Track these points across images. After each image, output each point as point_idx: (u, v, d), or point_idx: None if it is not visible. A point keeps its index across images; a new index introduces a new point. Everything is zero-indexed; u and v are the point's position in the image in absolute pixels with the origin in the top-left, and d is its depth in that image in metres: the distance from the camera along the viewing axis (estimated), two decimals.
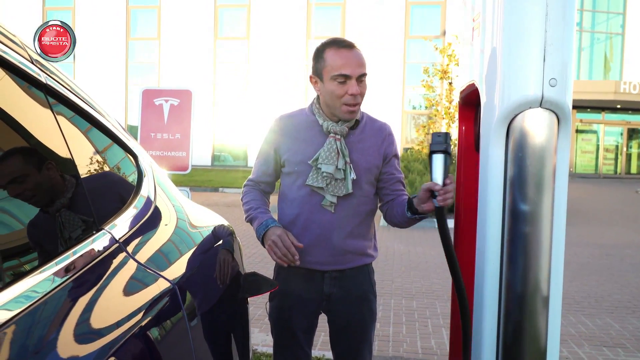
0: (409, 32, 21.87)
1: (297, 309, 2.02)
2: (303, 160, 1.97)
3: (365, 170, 1.99)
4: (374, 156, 2.01)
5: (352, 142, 1.99)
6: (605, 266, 6.68)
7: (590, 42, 23.78)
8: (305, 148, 1.98)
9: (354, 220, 1.98)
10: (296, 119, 2.05)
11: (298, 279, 2.01)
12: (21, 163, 0.97)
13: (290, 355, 2.09)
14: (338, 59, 1.90)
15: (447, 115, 12.55)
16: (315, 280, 2.00)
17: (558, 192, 1.53)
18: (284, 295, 2.03)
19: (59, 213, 1.01)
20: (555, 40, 1.42)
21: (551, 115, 1.46)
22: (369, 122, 2.06)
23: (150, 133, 4.92)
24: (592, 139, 24.65)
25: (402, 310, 4.65)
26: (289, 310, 2.03)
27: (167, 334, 1.10)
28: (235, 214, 10.43)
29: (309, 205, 1.97)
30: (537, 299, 1.53)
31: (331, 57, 1.91)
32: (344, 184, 1.93)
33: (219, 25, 23.08)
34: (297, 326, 2.04)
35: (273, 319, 2.08)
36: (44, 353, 0.76)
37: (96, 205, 1.12)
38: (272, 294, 2.06)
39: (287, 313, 2.04)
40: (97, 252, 1.03)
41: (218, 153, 23.60)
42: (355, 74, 1.88)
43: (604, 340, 4.18)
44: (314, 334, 2.13)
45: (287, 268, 1.97)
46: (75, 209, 1.07)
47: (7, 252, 0.82)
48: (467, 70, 1.90)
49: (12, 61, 0.96)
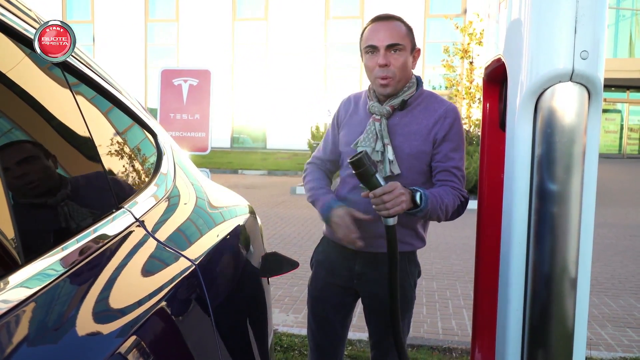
0: (429, 10, 21.52)
1: (329, 281, 2.05)
2: (348, 142, 1.96)
3: (409, 156, 1.88)
4: (421, 141, 1.88)
5: (397, 124, 1.90)
6: (629, 247, 6.57)
7: (616, 19, 23.17)
8: (352, 130, 1.97)
9: None
10: (357, 99, 2.03)
11: (334, 252, 2.03)
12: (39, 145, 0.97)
13: (319, 329, 2.09)
14: (369, 32, 1.90)
15: (467, 95, 12.38)
16: (347, 257, 2.00)
17: (588, 171, 1.47)
18: (320, 264, 2.09)
19: (79, 192, 1.01)
20: (587, 10, 1.36)
21: (582, 89, 1.41)
22: (427, 102, 1.94)
23: (170, 114, 4.92)
24: (616, 118, 24.15)
25: (422, 292, 4.63)
26: (323, 280, 2.07)
27: (189, 313, 1.09)
28: (254, 195, 10.46)
29: (350, 186, 1.96)
30: (565, 281, 1.49)
31: (366, 32, 1.91)
32: (384, 167, 1.87)
33: (237, 7, 22.96)
34: (328, 298, 2.06)
35: (308, 286, 2.13)
36: (63, 330, 0.76)
37: (115, 184, 1.11)
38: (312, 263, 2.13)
39: (320, 283, 2.08)
40: (117, 231, 1.02)
41: (237, 135, 23.64)
42: (382, 44, 1.84)
43: (627, 321, 4.12)
44: (347, 315, 2.12)
45: (327, 239, 2.05)
46: (95, 187, 1.06)
47: (25, 231, 0.81)
48: (493, 45, 1.84)
49: (28, 35, 0.95)
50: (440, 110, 1.91)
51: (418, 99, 1.93)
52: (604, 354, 3.49)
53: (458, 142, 1.90)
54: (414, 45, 1.92)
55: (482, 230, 1.95)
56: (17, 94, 0.93)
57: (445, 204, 1.81)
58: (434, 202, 1.77)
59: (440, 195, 1.80)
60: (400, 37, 1.86)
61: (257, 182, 13.02)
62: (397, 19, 1.90)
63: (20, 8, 0.98)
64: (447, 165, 1.88)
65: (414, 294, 2.07)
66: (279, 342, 3.48)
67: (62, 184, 0.98)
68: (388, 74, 1.85)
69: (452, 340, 3.69)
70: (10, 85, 0.91)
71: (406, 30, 1.90)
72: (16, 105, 0.93)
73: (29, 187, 0.89)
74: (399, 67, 1.86)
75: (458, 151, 1.89)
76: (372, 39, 1.87)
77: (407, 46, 1.87)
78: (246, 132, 23.68)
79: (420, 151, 1.88)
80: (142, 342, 0.86)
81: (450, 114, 1.90)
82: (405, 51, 1.87)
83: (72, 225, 0.94)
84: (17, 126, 0.92)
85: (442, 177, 1.88)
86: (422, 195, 1.75)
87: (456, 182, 1.88)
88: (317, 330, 2.11)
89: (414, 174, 1.90)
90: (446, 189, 1.85)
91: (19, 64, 0.96)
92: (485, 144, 1.97)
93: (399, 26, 1.88)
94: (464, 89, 12.61)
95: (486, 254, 1.93)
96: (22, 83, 0.95)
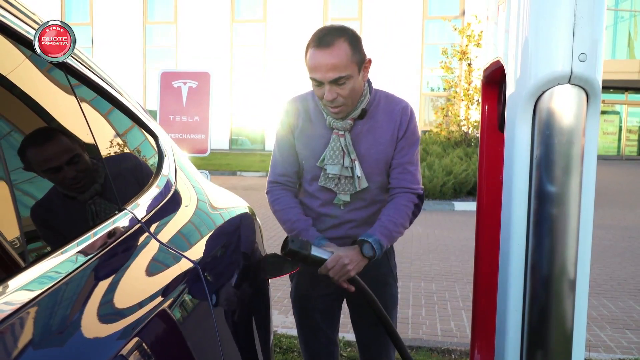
0: (427, 12, 21.55)
1: (314, 289, 2.02)
2: (309, 156, 1.89)
3: (377, 161, 1.88)
4: (386, 144, 1.88)
5: (361, 132, 1.87)
6: (627, 249, 6.58)
7: (614, 20, 23.22)
8: (312, 143, 1.89)
9: (369, 209, 1.93)
10: (304, 105, 1.93)
11: None
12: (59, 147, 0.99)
13: (311, 337, 2.09)
14: (310, 59, 1.75)
15: (466, 97, 12.40)
16: None
17: (586, 172, 1.48)
18: (301, 274, 2.03)
19: (82, 194, 1.01)
20: (585, 13, 1.37)
21: (580, 91, 1.41)
22: (385, 104, 1.91)
23: (169, 116, 4.94)
24: (615, 120, 24.19)
25: (421, 293, 4.64)
26: (306, 290, 2.04)
27: (191, 314, 1.10)
28: (253, 197, 10.47)
29: (320, 201, 1.93)
30: (564, 282, 1.50)
31: (308, 57, 1.76)
32: (353, 183, 1.86)
33: (235, 8, 22.98)
34: (315, 307, 2.04)
35: (293, 298, 2.09)
36: (68, 333, 0.76)
37: (118, 186, 1.12)
38: (292, 274, 2.06)
39: (304, 292, 2.05)
40: (120, 232, 1.02)
41: (236, 137, 23.65)
42: (326, 79, 1.72)
43: (626, 323, 4.13)
44: (336, 317, 2.12)
45: None
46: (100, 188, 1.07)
47: (29, 234, 0.82)
48: (492, 47, 1.85)
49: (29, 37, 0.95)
50: (397, 109, 1.90)
51: (374, 102, 1.90)
52: (602, 356, 3.50)
53: (413, 138, 1.91)
54: (362, 61, 1.78)
55: (481, 231, 1.96)
56: (18, 95, 0.94)
57: (400, 224, 1.86)
58: (388, 236, 1.83)
59: (390, 221, 1.84)
60: (344, 66, 1.71)
61: (255, 184, 13.01)
62: (339, 39, 1.72)
63: (20, 9, 0.99)
64: (402, 161, 1.90)
65: (397, 289, 2.09)
66: (278, 344, 3.48)
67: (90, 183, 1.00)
68: (337, 104, 1.78)
69: (451, 341, 3.70)
70: (10, 87, 0.91)
71: (351, 51, 1.73)
72: (17, 107, 0.93)
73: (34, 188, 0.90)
74: (347, 95, 1.77)
75: (412, 146, 1.91)
76: (314, 70, 1.74)
77: (353, 72, 1.75)
78: (245, 134, 23.69)
79: (387, 155, 1.89)
80: (146, 342, 0.87)
81: (406, 111, 1.91)
82: (352, 78, 1.75)
83: (74, 228, 0.94)
84: (17, 129, 0.92)
85: (396, 174, 1.90)
86: (373, 243, 1.79)
87: (409, 178, 1.90)
88: (309, 339, 2.10)
89: (382, 177, 1.92)
90: (396, 203, 1.87)
91: (20, 66, 0.96)
92: (484, 146, 1.98)
93: (342, 51, 1.71)
94: (462, 90, 12.64)
95: (485, 255, 1.94)
96: (23, 85, 0.96)
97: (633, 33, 23.23)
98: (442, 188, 9.96)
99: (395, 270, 2.09)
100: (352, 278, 1.77)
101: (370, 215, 1.93)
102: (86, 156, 1.02)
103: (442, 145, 12.27)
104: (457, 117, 12.87)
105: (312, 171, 1.90)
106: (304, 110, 1.92)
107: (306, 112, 1.91)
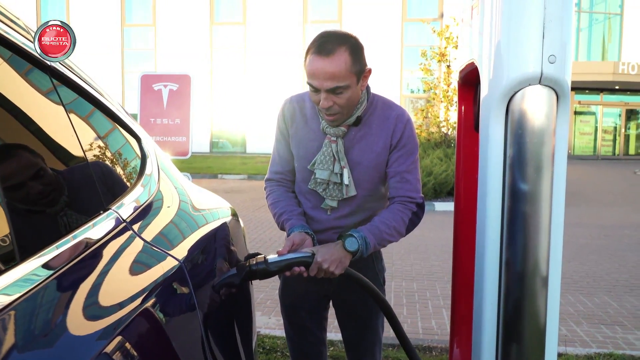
0: (406, 14, 21.72)
1: (302, 287, 2.03)
2: (302, 157, 1.91)
3: (367, 168, 1.86)
4: (378, 152, 1.85)
5: (354, 139, 1.85)
6: (603, 246, 6.71)
7: (589, 22, 23.65)
8: (305, 145, 1.90)
9: (356, 217, 1.93)
10: (300, 105, 1.93)
11: None
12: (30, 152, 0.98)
13: (298, 337, 2.10)
14: (309, 65, 1.72)
15: (445, 98, 12.52)
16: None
17: (557, 170, 1.53)
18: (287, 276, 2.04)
19: (67, 194, 1.02)
20: (554, 16, 1.42)
21: (550, 92, 1.47)
22: (381, 111, 1.88)
23: (150, 118, 4.93)
24: (591, 120, 24.64)
25: (402, 292, 4.69)
26: (295, 288, 2.05)
27: (176, 312, 1.11)
28: (234, 200, 10.43)
29: (311, 204, 1.94)
30: (537, 278, 1.54)
31: (308, 61, 1.73)
32: (341, 189, 1.86)
33: (215, 11, 22.91)
34: (303, 306, 2.05)
35: (282, 298, 2.10)
36: (53, 334, 0.77)
37: (102, 186, 1.13)
38: (281, 275, 2.06)
39: (293, 291, 2.06)
40: (105, 232, 1.04)
41: (216, 140, 23.57)
42: (323, 88, 1.70)
43: (602, 318, 4.23)
44: (323, 317, 2.12)
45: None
46: (83, 189, 1.08)
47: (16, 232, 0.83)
48: (467, 49, 1.89)
49: (16, 42, 0.96)
50: (392, 117, 1.87)
51: (370, 108, 1.88)
52: (579, 350, 3.57)
53: (410, 147, 1.88)
54: (362, 71, 1.76)
55: (459, 230, 2.00)
56: None
57: (392, 227, 1.82)
58: (377, 235, 1.79)
59: (382, 222, 1.81)
60: (343, 77, 1.69)
61: (237, 187, 12.99)
62: (340, 48, 1.70)
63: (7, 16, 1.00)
64: (399, 170, 1.86)
65: (384, 291, 2.09)
66: (261, 344, 3.49)
67: (59, 188, 0.99)
68: (333, 112, 1.76)
69: (432, 339, 3.75)
70: None
71: (351, 61, 1.71)
72: None
73: (27, 194, 0.91)
74: (344, 104, 1.75)
75: (410, 156, 1.88)
76: (312, 77, 1.72)
77: (351, 82, 1.72)
78: (225, 137, 23.62)
79: (378, 162, 1.87)
80: (132, 339, 0.88)
81: (402, 119, 1.87)
82: (349, 88, 1.73)
83: (59, 228, 0.96)
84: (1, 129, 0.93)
85: (394, 184, 1.87)
86: (358, 238, 1.76)
87: (407, 187, 1.86)
88: (297, 338, 2.10)
89: (372, 184, 1.90)
90: (392, 208, 1.86)
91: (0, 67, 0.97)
92: (460, 146, 2.02)
93: (341, 61, 1.69)
94: (441, 92, 12.75)
95: (463, 253, 1.99)
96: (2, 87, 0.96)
97: (607, 35, 23.68)
98: (422, 189, 10.03)
99: (382, 275, 2.09)
100: (345, 272, 1.74)
101: (356, 223, 1.91)
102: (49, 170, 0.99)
103: (422, 146, 12.35)
104: (436, 119, 12.99)
105: (303, 172, 1.92)
106: (301, 110, 1.92)
107: (302, 113, 1.92)
